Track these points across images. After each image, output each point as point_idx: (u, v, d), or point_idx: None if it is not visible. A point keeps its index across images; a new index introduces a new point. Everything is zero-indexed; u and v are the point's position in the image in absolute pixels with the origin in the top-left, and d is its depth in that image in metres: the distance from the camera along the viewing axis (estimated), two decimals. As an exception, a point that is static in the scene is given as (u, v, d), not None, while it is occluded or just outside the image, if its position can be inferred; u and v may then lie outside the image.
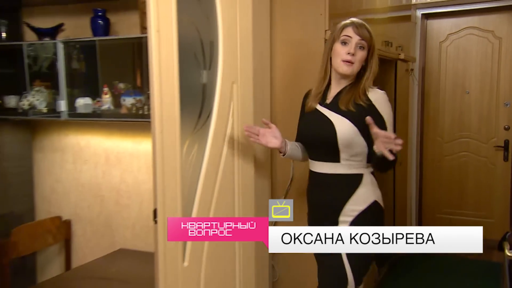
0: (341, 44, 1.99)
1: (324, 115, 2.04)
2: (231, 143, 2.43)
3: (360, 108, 1.98)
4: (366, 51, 2.02)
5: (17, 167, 3.19)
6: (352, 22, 2.01)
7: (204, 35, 2.32)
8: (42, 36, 2.89)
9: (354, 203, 2.00)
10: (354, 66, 1.99)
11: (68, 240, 3.18)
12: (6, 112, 3.00)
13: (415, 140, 5.06)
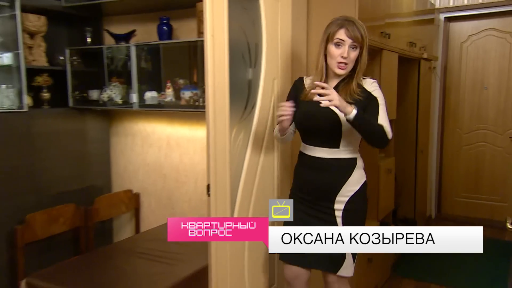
0: (335, 46, 1.92)
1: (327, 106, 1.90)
2: (271, 131, 2.44)
3: (360, 99, 1.95)
4: (358, 50, 1.95)
5: (98, 148, 3.34)
6: (344, 24, 1.92)
7: (250, 38, 2.38)
8: (118, 41, 3.01)
9: (350, 185, 2.00)
10: (348, 66, 1.94)
11: (137, 209, 3.34)
12: (89, 103, 3.12)
13: (436, 131, 5.06)
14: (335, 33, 1.91)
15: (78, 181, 3.22)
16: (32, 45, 2.97)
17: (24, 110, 2.81)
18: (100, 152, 3.36)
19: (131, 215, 3.40)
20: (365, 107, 1.94)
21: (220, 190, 2.21)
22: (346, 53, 1.90)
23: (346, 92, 1.95)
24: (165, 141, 3.18)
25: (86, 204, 3.09)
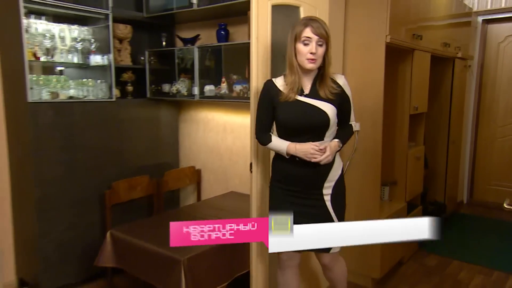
0: (303, 44, 1.84)
1: (312, 104, 1.90)
2: None
3: (336, 93, 1.92)
4: (324, 46, 1.86)
5: (168, 132, 3.47)
6: (309, 23, 1.84)
7: (290, 41, 2.49)
8: (186, 44, 3.12)
9: (335, 170, 1.98)
10: (317, 62, 1.86)
11: (199, 182, 3.46)
12: (163, 95, 3.24)
13: (470, 124, 4.85)
14: (301, 32, 1.84)
15: (152, 158, 3.34)
16: (120, 49, 3.14)
17: (113, 100, 2.99)
18: (170, 135, 3.47)
19: (194, 187, 3.50)
20: (340, 103, 1.94)
21: (260, 168, 2.30)
22: (314, 49, 1.82)
23: (325, 89, 1.90)
24: (221, 126, 3.27)
25: (158, 176, 3.21)
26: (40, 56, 2.71)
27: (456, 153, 4.48)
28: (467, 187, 4.96)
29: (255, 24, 2.18)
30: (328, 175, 1.97)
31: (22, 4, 2.49)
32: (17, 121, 2.76)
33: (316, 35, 1.82)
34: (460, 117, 4.50)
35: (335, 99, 1.91)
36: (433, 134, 4.20)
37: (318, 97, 1.91)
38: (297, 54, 1.88)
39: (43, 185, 2.68)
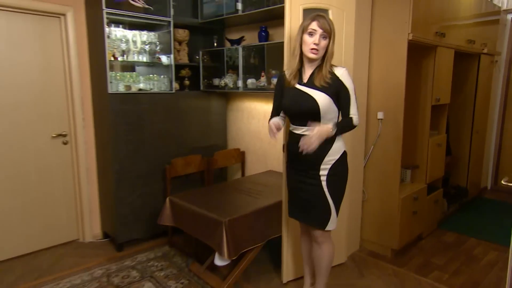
0: (308, 35, 1.85)
1: (305, 92, 1.90)
2: None
3: (331, 82, 1.87)
4: (328, 39, 1.86)
5: (218, 119, 3.57)
6: (317, 17, 1.85)
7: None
8: (233, 44, 3.19)
9: (331, 155, 1.93)
10: (319, 52, 1.86)
11: (243, 162, 3.54)
12: (213, 88, 3.32)
13: (497, 115, 4.57)
14: (308, 25, 1.85)
15: (204, 140, 3.45)
16: (179, 49, 3.28)
17: (173, 92, 3.14)
18: (219, 121, 3.56)
19: (239, 165, 3.58)
20: (337, 93, 1.89)
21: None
22: (317, 40, 1.83)
23: (321, 78, 1.88)
24: (262, 114, 3.32)
25: (209, 156, 3.32)
26: (117, 57, 2.92)
27: (480, 142, 4.27)
28: (492, 174, 4.70)
29: (288, 25, 2.27)
30: (324, 158, 1.93)
31: (105, 16, 2.72)
32: (100, 108, 3.03)
33: (321, 28, 1.83)
34: (485, 109, 4.27)
35: (330, 88, 1.87)
36: (457, 124, 4.04)
37: (312, 85, 1.90)
38: (302, 44, 1.89)
39: (119, 160, 2.92)
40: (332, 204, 1.97)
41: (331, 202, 1.97)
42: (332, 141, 1.94)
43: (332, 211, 1.98)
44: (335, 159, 1.95)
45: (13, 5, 2.71)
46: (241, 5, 2.90)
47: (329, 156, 1.94)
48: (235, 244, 2.26)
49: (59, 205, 3.14)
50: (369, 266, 2.82)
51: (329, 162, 1.94)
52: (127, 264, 2.83)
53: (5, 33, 2.74)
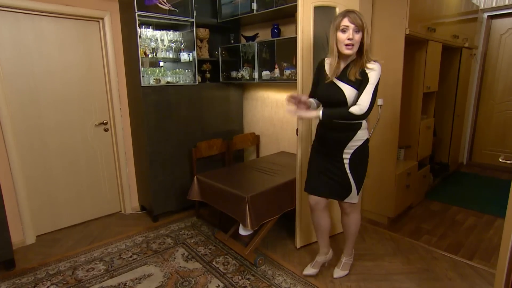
0: (341, 32, 1.66)
1: (337, 85, 1.73)
2: None
3: (361, 78, 1.67)
4: (361, 33, 1.65)
5: (236, 107, 3.42)
6: (347, 13, 1.65)
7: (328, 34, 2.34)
8: (248, 40, 3.05)
9: (355, 141, 1.79)
10: (354, 47, 1.66)
11: (258, 144, 3.41)
12: (231, 79, 3.17)
13: (473, 101, 4.36)
14: (340, 22, 1.66)
15: (224, 126, 3.33)
16: (201, 46, 3.11)
17: (196, 84, 3.00)
18: (236, 109, 3.43)
19: (254, 147, 3.46)
20: (361, 85, 1.68)
21: (304, 133, 2.27)
22: (351, 35, 1.64)
23: (352, 73, 1.68)
24: (274, 103, 3.19)
25: (228, 139, 3.21)
26: (148, 54, 2.78)
27: (460, 124, 4.10)
28: (467, 151, 4.54)
29: (300, 21, 2.11)
30: (347, 143, 1.80)
31: (137, 19, 2.56)
32: (134, 99, 2.90)
33: (352, 23, 1.64)
34: (464, 96, 4.09)
35: (357, 82, 1.68)
36: (441, 108, 3.86)
37: (344, 79, 1.72)
38: (337, 42, 1.69)
39: (152, 143, 2.81)
40: (353, 182, 1.86)
41: (352, 181, 1.85)
42: (357, 129, 1.80)
43: (353, 187, 1.87)
44: (358, 146, 1.81)
45: (60, 11, 2.56)
46: (256, 5, 2.71)
47: (353, 141, 1.81)
48: (256, 216, 2.17)
49: (104, 183, 3.06)
50: (369, 232, 2.72)
51: (353, 147, 1.81)
52: (162, 233, 2.75)
53: (55, 36, 2.62)
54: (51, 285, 2.07)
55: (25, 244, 2.61)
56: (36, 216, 2.70)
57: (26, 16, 2.47)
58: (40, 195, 2.71)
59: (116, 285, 2.04)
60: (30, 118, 2.59)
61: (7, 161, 2.47)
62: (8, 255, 2.22)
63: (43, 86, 2.62)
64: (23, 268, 2.27)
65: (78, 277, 2.14)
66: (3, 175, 2.44)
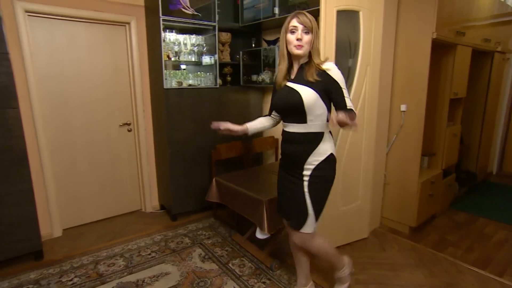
0: (290, 33, 1.56)
1: (292, 87, 1.59)
2: (363, 103, 2.38)
3: (319, 79, 1.54)
4: (310, 35, 1.55)
5: (255, 110, 3.41)
6: (296, 14, 1.57)
7: (351, 38, 2.32)
8: (269, 44, 3.07)
9: (316, 156, 1.59)
10: (304, 48, 1.55)
11: (276, 148, 3.39)
12: (251, 83, 3.16)
13: (505, 107, 4.16)
14: (289, 23, 1.57)
15: None
16: (223, 50, 3.16)
17: (217, 87, 3.05)
18: (256, 112, 3.40)
19: (273, 151, 3.44)
20: (327, 89, 1.54)
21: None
22: (300, 35, 1.54)
23: (307, 74, 1.56)
24: (294, 107, 3.21)
25: (248, 142, 3.19)
26: (171, 57, 2.86)
27: (489, 132, 3.94)
28: (497, 161, 4.36)
29: (322, 26, 2.11)
30: (307, 158, 1.61)
31: (162, 23, 2.66)
32: (157, 101, 2.99)
33: (301, 24, 1.54)
34: (495, 102, 3.93)
35: (318, 84, 1.54)
36: (470, 115, 3.73)
37: (299, 81, 1.58)
38: (287, 44, 1.59)
39: (173, 144, 2.89)
40: (310, 206, 1.61)
41: (309, 204, 1.61)
42: (318, 142, 1.60)
43: (310, 213, 1.62)
44: (320, 161, 1.60)
45: (91, 17, 2.71)
46: (278, 10, 2.74)
47: (313, 156, 1.60)
48: (273, 220, 2.18)
49: (126, 181, 3.18)
50: (389, 241, 2.67)
51: (313, 163, 1.60)
52: (180, 232, 2.82)
53: (85, 41, 2.76)
54: (74, 277, 2.18)
55: (52, 237, 2.76)
56: (63, 210, 2.85)
57: (61, 22, 2.63)
58: (67, 191, 2.86)
59: (135, 281, 2.12)
60: (60, 118, 2.74)
61: (39, 159, 2.63)
62: (37, 247, 2.36)
63: (72, 88, 2.77)
64: (50, 260, 2.40)
65: (100, 271, 2.24)
66: (35, 172, 2.60)
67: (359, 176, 2.52)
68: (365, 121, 2.45)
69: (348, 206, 2.52)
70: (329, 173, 1.64)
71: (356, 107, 2.38)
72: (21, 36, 2.42)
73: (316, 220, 1.65)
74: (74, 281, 2.14)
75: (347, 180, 2.46)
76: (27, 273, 2.23)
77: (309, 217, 1.63)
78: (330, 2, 2.11)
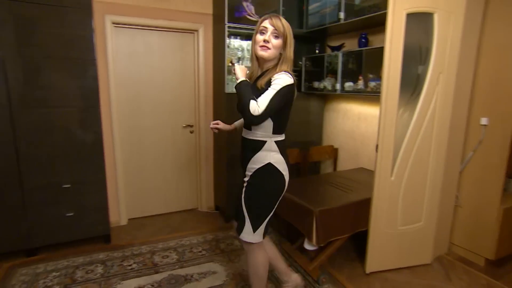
0: (260, 34, 1.51)
1: None
2: (433, 114, 2.21)
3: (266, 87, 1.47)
4: (281, 39, 1.50)
5: (316, 118, 3.41)
6: (270, 16, 1.51)
7: (422, 43, 2.18)
8: (333, 50, 3.01)
9: (253, 163, 1.58)
10: (270, 51, 1.49)
11: (335, 158, 3.33)
12: (313, 90, 3.13)
13: None
14: (261, 23, 1.52)
15: (302, 136, 3.34)
16: None
17: None
18: (316, 120, 3.42)
19: (331, 161, 3.39)
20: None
21: (385, 150, 2.17)
22: (267, 37, 1.48)
23: (263, 81, 1.50)
24: (357, 116, 3.09)
25: (305, 150, 3.21)
26: (234, 63, 3.01)
27: None
28: None
29: (389, 30, 2.02)
30: (247, 164, 1.62)
31: (226, 30, 2.83)
32: (218, 105, 3.15)
33: (272, 25, 1.49)
34: None
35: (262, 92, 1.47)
36: None
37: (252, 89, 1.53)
38: (254, 44, 1.54)
39: (231, 147, 3.01)
40: (246, 213, 1.60)
41: (245, 211, 1.60)
42: (257, 149, 1.58)
43: (246, 220, 1.60)
44: (255, 168, 1.58)
45: (165, 26, 3.00)
46: (343, 14, 2.69)
47: (251, 163, 1.60)
48: (323, 232, 2.14)
49: (186, 180, 3.42)
50: (458, 271, 2.38)
51: (251, 170, 1.60)
52: (231, 234, 2.93)
53: (158, 48, 3.08)
54: (133, 263, 2.43)
55: (119, 224, 3.11)
56: (129, 201, 3.20)
57: (139, 31, 2.98)
58: (134, 185, 3.20)
59: (184, 275, 2.27)
60: (132, 118, 3.09)
61: (113, 153, 3.00)
62: (107, 231, 2.69)
63: (145, 91, 3.10)
64: (115, 244, 2.71)
65: (155, 261, 2.45)
66: (109, 165, 2.97)
67: (423, 195, 2.32)
68: (434, 134, 2.25)
69: (409, 226, 2.33)
70: (266, 183, 1.58)
71: (423, 120, 2.22)
72: (107, 45, 2.81)
73: (254, 230, 1.60)
74: (132, 266, 2.38)
75: (408, 198, 2.28)
76: (97, 253, 2.56)
77: (246, 224, 1.60)
78: (399, 5, 2.01)
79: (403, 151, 2.22)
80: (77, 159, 2.48)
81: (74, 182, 2.49)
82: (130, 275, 2.26)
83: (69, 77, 2.37)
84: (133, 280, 2.20)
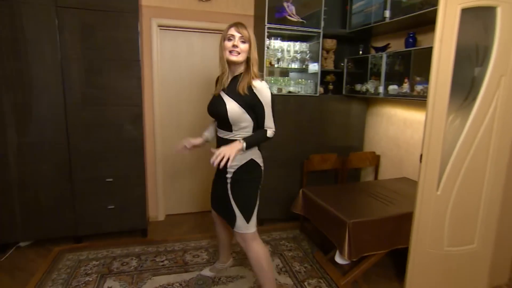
0: (227, 41, 1.67)
1: (222, 98, 1.72)
2: (491, 122, 1.95)
3: (248, 93, 1.64)
4: (247, 44, 1.67)
5: (357, 122, 3.27)
6: (235, 24, 1.68)
7: (480, 42, 1.94)
8: (378, 51, 2.86)
9: (235, 160, 1.72)
10: (240, 55, 1.67)
11: (377, 165, 3.16)
12: (355, 93, 3.03)
13: None
14: (227, 31, 1.69)
15: (341, 140, 3.23)
16: (326, 57, 3.13)
17: (317, 95, 3.02)
18: (358, 124, 3.29)
19: (373, 168, 3.25)
20: (252, 105, 1.67)
21: (430, 161, 1.97)
22: (236, 42, 1.65)
23: (237, 87, 1.68)
24: (402, 121, 2.89)
25: (344, 156, 3.10)
26: (274, 64, 2.99)
27: None
28: None
29: (440, 27, 1.83)
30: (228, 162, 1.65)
31: (266, 31, 2.82)
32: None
33: (238, 33, 1.67)
34: None
35: (244, 99, 1.66)
36: None
37: (229, 93, 1.71)
38: (223, 51, 1.70)
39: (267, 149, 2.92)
40: (235, 208, 1.75)
41: (235, 205, 1.76)
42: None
43: (237, 214, 1.75)
44: (239, 165, 1.74)
45: (207, 27, 3.09)
46: (389, 13, 2.51)
47: (233, 161, 1.71)
48: (357, 246, 2.01)
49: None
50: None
51: (233, 167, 1.74)
52: (263, 238, 2.89)
53: (199, 49, 3.18)
54: (165, 259, 2.51)
55: (157, 219, 3.25)
56: (167, 198, 3.32)
57: (182, 32, 3.09)
58: (171, 182, 3.32)
59: (212, 277, 2.28)
60: (172, 117, 3.21)
61: (154, 150, 3.14)
62: (144, 225, 2.82)
63: (185, 90, 3.21)
64: (151, 239, 2.83)
65: (185, 260, 2.51)
66: (149, 161, 3.11)
67: (477, 213, 2.06)
68: (492, 144, 2.00)
69: (457, 247, 2.09)
70: (251, 177, 1.77)
71: (478, 129, 1.98)
72: (153, 46, 2.95)
73: (247, 221, 1.76)
74: (164, 263, 2.46)
75: (457, 215, 2.04)
76: (133, 246, 2.69)
77: (237, 218, 1.76)
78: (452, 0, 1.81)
79: (452, 162, 1.99)
80: (120, 155, 2.63)
81: (117, 177, 2.65)
82: (161, 272, 2.33)
83: (118, 77, 2.53)
84: (163, 276, 2.27)
